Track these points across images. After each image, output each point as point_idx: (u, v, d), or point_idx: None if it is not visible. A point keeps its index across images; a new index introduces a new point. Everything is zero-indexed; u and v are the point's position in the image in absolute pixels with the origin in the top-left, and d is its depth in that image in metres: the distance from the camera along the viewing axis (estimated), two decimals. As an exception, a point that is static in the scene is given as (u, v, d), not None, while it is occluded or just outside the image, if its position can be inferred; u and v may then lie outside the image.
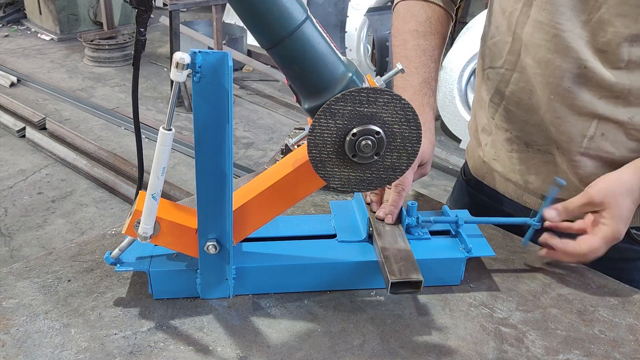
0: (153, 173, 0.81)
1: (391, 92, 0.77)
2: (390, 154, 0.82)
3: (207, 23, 5.87)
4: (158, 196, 0.83)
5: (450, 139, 4.45)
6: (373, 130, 0.78)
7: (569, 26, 0.99)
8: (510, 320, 0.95)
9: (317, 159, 0.81)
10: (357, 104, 0.77)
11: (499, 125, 1.17)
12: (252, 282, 0.97)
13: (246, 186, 0.96)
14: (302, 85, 0.80)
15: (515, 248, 1.14)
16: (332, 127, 0.78)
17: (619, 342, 0.91)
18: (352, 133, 0.78)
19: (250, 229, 0.95)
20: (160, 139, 0.79)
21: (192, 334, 0.90)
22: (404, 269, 0.90)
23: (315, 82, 0.78)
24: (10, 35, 6.74)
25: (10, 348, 0.85)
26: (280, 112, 4.97)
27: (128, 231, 0.89)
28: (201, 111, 0.80)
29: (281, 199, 0.93)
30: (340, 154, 0.80)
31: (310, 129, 0.79)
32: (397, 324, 0.93)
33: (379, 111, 0.78)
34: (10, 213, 3.47)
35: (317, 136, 0.79)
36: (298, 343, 0.89)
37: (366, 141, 0.79)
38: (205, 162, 0.84)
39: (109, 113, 4.76)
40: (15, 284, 0.98)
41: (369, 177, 0.84)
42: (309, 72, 0.77)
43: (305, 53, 0.76)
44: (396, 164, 0.83)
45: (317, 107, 0.78)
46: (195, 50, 0.76)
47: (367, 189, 0.85)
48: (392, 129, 0.79)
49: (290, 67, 0.78)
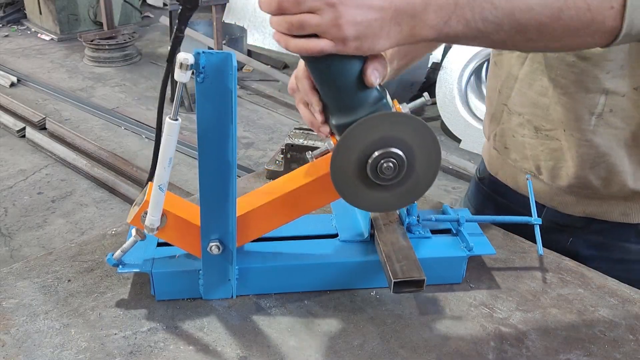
0: (159, 164, 0.81)
1: (417, 119, 0.78)
2: (409, 176, 0.83)
3: (207, 23, 5.87)
4: (165, 187, 0.83)
5: (450, 139, 4.45)
6: (396, 153, 0.80)
7: None
8: (510, 320, 0.95)
9: (339, 176, 0.82)
10: (385, 128, 0.79)
11: (512, 110, 1.15)
12: (254, 283, 0.97)
13: (255, 192, 0.96)
14: (335, 101, 0.81)
15: (515, 248, 1.14)
16: (359, 147, 0.80)
17: (619, 342, 0.91)
18: (375, 155, 0.80)
19: (255, 235, 0.95)
20: (166, 129, 0.79)
21: (192, 334, 0.90)
22: (406, 268, 0.90)
23: (349, 99, 0.79)
24: (10, 35, 6.73)
25: (10, 348, 0.85)
26: (280, 112, 4.97)
27: (134, 221, 0.88)
28: (205, 111, 0.80)
29: (291, 209, 0.94)
30: (361, 174, 0.82)
31: (337, 146, 0.80)
32: (397, 324, 0.93)
33: (403, 135, 0.79)
34: (10, 213, 3.47)
35: (342, 154, 0.80)
36: (298, 343, 0.89)
37: (388, 164, 0.80)
38: (208, 163, 0.84)
39: (109, 113, 4.76)
40: (15, 284, 0.98)
41: (388, 198, 0.85)
42: (346, 89, 0.78)
43: (347, 71, 0.77)
44: (415, 187, 0.85)
45: (346, 124, 0.79)
46: (199, 51, 0.76)
47: (386, 210, 0.86)
48: (414, 152, 0.81)
49: (327, 82, 0.79)
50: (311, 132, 1.34)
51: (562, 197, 1.16)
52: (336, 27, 0.69)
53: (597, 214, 1.13)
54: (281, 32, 0.72)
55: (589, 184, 1.09)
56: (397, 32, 0.71)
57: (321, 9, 0.68)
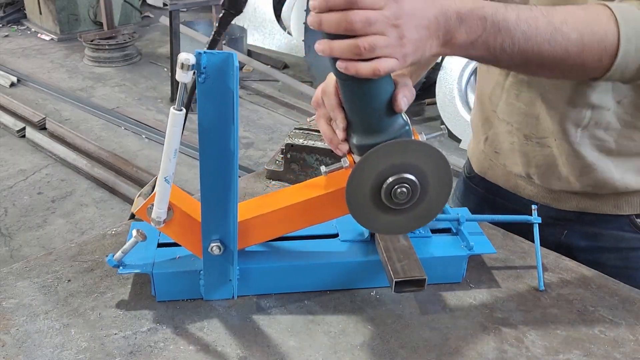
0: (165, 155, 0.80)
1: (433, 147, 0.81)
2: (422, 200, 0.84)
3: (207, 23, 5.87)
4: (171, 179, 0.83)
5: (450, 139, 4.45)
6: (410, 179, 0.82)
7: None
8: (510, 320, 0.95)
9: (354, 199, 0.83)
10: (404, 154, 0.80)
11: (501, 118, 1.18)
12: (254, 283, 0.97)
13: (261, 198, 0.97)
14: (362, 121, 0.82)
15: (515, 248, 1.14)
16: (377, 170, 0.81)
17: (619, 342, 0.91)
18: (390, 181, 0.81)
19: (256, 241, 0.96)
20: (171, 120, 0.78)
21: (192, 334, 0.90)
22: (407, 267, 0.90)
23: (377, 122, 0.81)
24: (10, 35, 6.74)
25: (10, 348, 0.85)
26: (280, 112, 4.97)
27: (139, 212, 0.88)
28: (206, 112, 0.80)
29: (295, 220, 0.94)
30: (375, 198, 0.83)
31: (356, 167, 0.81)
32: (397, 324, 0.93)
33: (418, 162, 0.81)
34: (10, 213, 3.47)
35: (360, 176, 0.82)
36: (298, 343, 0.89)
37: (402, 189, 0.82)
38: (210, 163, 0.84)
39: (109, 113, 4.76)
40: (15, 284, 0.98)
41: (401, 222, 0.87)
42: (376, 112, 0.80)
43: (381, 94, 0.79)
44: (427, 210, 0.86)
45: (369, 145, 0.80)
46: (200, 51, 0.75)
47: (398, 233, 0.89)
48: (427, 178, 0.83)
49: (359, 103, 0.80)
50: (311, 132, 1.34)
51: (554, 195, 1.17)
52: (400, 46, 0.74)
53: (589, 208, 1.15)
54: (348, 58, 0.74)
55: (579, 188, 1.12)
56: (435, 44, 0.78)
57: (387, 30, 0.72)
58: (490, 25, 0.78)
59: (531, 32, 0.80)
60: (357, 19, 0.71)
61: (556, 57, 0.82)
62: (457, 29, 0.77)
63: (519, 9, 0.81)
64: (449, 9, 0.76)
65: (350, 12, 0.71)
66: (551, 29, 0.81)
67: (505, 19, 0.79)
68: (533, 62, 0.83)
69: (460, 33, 0.78)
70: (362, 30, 0.72)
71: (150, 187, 0.89)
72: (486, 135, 1.24)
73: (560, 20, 0.81)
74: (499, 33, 0.79)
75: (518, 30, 0.80)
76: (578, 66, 0.84)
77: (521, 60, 0.83)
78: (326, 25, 0.73)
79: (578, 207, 1.16)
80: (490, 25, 0.78)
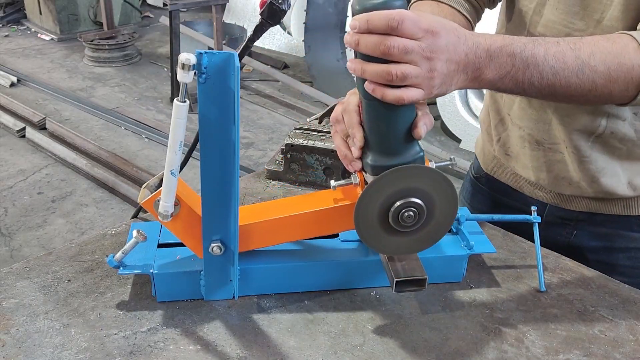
0: (170, 148, 0.80)
1: (442, 174, 0.83)
2: (429, 222, 0.86)
3: (207, 23, 5.86)
4: (177, 172, 0.82)
5: (450, 139, 4.45)
6: (418, 204, 0.83)
7: (581, 25, 0.99)
8: (510, 320, 0.95)
9: (362, 217, 0.85)
10: (416, 178, 0.82)
11: (514, 122, 1.18)
12: (254, 283, 0.97)
13: (266, 204, 0.98)
14: (381, 143, 0.84)
15: (515, 248, 1.14)
16: (388, 193, 0.83)
17: (619, 342, 0.91)
18: (399, 204, 0.83)
19: (257, 246, 0.96)
20: (175, 112, 0.78)
21: (192, 334, 0.90)
22: (407, 267, 0.90)
23: (395, 145, 0.83)
24: (10, 35, 6.73)
25: (10, 348, 0.85)
26: (280, 112, 4.97)
27: (146, 204, 0.88)
28: (207, 112, 0.79)
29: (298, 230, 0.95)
30: (383, 218, 0.85)
31: (367, 188, 0.82)
32: (397, 324, 0.93)
33: (428, 188, 0.83)
34: (10, 213, 3.47)
35: (371, 194, 0.83)
36: (298, 343, 0.89)
37: (409, 212, 0.83)
38: (210, 163, 0.84)
39: (109, 113, 4.76)
40: (15, 284, 0.98)
41: (408, 243, 0.88)
42: (396, 135, 0.82)
43: (404, 119, 0.81)
44: (434, 232, 0.88)
45: (384, 166, 0.82)
46: (201, 51, 0.75)
47: (405, 253, 0.91)
48: (434, 202, 0.85)
49: (382, 125, 0.82)
50: (311, 132, 1.34)
51: (564, 198, 1.17)
52: (429, 78, 0.76)
53: (599, 209, 1.16)
54: (378, 82, 0.75)
55: (591, 193, 1.13)
56: (463, 80, 0.80)
57: (420, 61, 0.74)
58: (519, 61, 0.80)
59: (559, 66, 0.82)
60: (395, 45, 0.72)
61: (584, 89, 0.84)
62: (487, 66, 0.79)
63: (546, 43, 0.83)
64: (479, 47, 0.78)
65: (389, 37, 0.73)
66: (579, 63, 0.82)
67: (533, 54, 0.81)
68: (561, 94, 0.85)
69: (490, 69, 0.80)
70: (397, 57, 0.73)
71: (158, 179, 0.89)
72: (499, 137, 1.24)
73: (587, 54, 0.83)
74: (527, 69, 0.81)
75: (546, 65, 0.81)
76: (605, 96, 0.86)
77: (549, 92, 0.85)
78: (363, 46, 0.75)
79: (588, 208, 1.16)
80: (519, 62, 0.80)
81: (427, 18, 0.75)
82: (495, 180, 1.30)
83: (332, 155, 1.30)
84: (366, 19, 0.73)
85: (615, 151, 1.08)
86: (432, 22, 0.75)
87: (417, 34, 0.73)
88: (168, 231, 0.98)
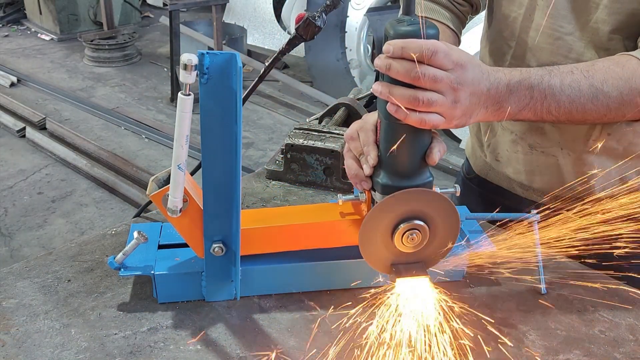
0: (176, 142, 0.80)
1: (447, 199, 0.85)
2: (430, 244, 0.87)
3: (207, 23, 5.86)
4: (184, 167, 0.82)
5: (450, 139, 4.45)
6: (421, 226, 0.85)
7: (570, 29, 1.01)
8: (510, 320, 0.95)
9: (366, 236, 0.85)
10: (424, 202, 0.84)
11: (505, 127, 1.19)
12: (255, 283, 0.97)
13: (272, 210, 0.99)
14: (395, 164, 0.85)
15: (515, 248, 1.14)
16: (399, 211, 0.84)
17: (619, 342, 0.91)
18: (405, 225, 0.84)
19: (258, 250, 0.96)
20: (179, 105, 0.77)
21: (192, 333, 0.90)
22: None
23: (409, 167, 0.84)
24: (10, 35, 6.73)
25: (10, 348, 0.85)
26: (280, 112, 4.97)
27: (154, 197, 0.88)
28: (209, 112, 0.79)
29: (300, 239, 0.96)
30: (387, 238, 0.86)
31: (376, 206, 0.84)
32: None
33: (431, 210, 0.85)
34: (10, 213, 3.47)
35: (379, 213, 0.84)
36: (298, 343, 0.89)
37: (412, 236, 0.85)
38: (212, 164, 0.84)
39: (109, 113, 4.76)
40: (15, 284, 0.98)
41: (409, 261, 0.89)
42: (411, 158, 0.84)
43: (421, 144, 0.83)
44: (434, 254, 0.89)
45: (395, 187, 0.84)
46: (204, 52, 0.75)
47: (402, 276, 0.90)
48: (437, 225, 0.86)
49: (398, 146, 0.82)
50: (311, 132, 1.34)
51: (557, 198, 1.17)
52: (452, 108, 0.79)
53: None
54: (404, 105, 0.77)
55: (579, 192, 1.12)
56: (483, 113, 0.84)
57: (447, 91, 0.78)
58: (537, 93, 0.85)
59: (575, 94, 0.87)
60: (426, 74, 0.75)
61: (599, 113, 0.90)
62: (507, 100, 0.84)
63: (561, 73, 0.87)
64: (500, 82, 0.82)
65: (421, 65, 0.75)
66: (593, 90, 0.87)
67: (550, 85, 0.85)
68: (576, 118, 0.90)
69: (510, 103, 0.84)
70: (426, 85, 0.76)
71: (167, 173, 0.88)
72: (489, 142, 1.25)
73: (600, 81, 0.88)
74: (545, 99, 0.86)
75: (563, 94, 0.86)
76: (619, 117, 0.93)
77: (566, 118, 0.90)
78: (394, 72, 0.77)
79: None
80: (537, 94, 0.85)
81: (457, 51, 0.78)
82: (487, 181, 1.30)
83: (332, 155, 1.30)
84: (401, 45, 0.75)
85: (612, 151, 1.08)
86: (461, 55, 0.78)
87: (448, 66, 0.76)
88: (168, 232, 0.98)
